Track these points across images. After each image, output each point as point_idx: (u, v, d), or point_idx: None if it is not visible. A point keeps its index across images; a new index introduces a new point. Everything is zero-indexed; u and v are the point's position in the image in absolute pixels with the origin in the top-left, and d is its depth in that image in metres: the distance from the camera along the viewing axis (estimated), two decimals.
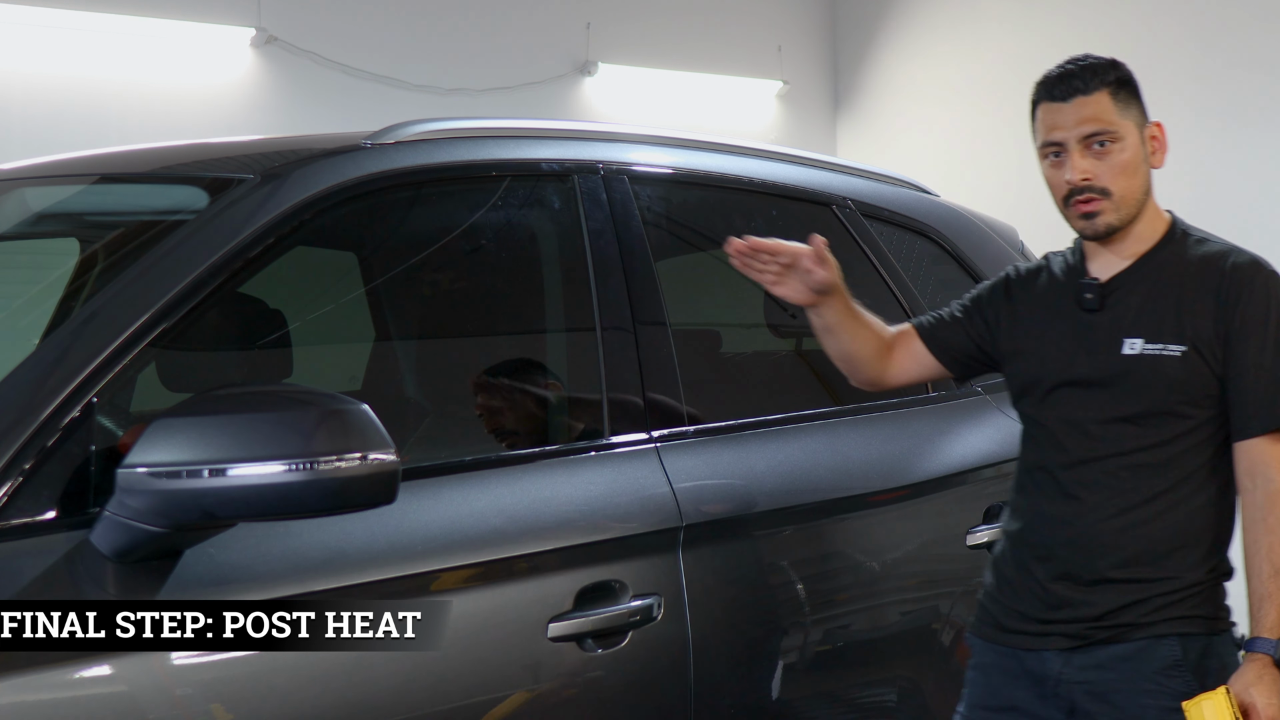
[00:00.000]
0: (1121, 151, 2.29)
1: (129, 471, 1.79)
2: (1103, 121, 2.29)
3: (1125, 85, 2.31)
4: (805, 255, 2.35)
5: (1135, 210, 2.32)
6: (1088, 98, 2.29)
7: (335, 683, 1.99)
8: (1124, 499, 2.27)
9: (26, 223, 2.74)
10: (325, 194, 2.25)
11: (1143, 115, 2.33)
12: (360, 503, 1.87)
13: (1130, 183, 2.30)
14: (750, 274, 2.39)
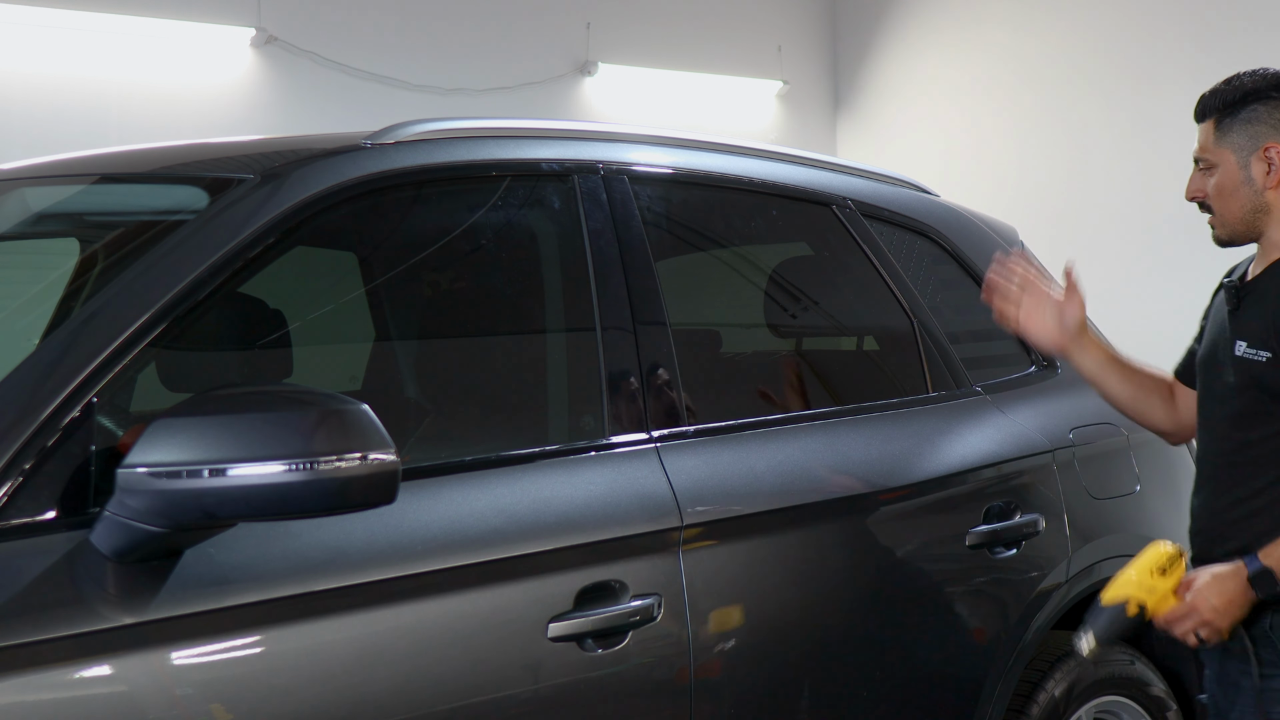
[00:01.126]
0: (1216, 175, 2.51)
1: (129, 471, 1.79)
2: (1203, 150, 2.54)
3: (1231, 114, 2.49)
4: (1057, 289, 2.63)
5: (1243, 227, 2.52)
6: (1201, 125, 2.56)
7: (335, 682, 1.99)
8: (1234, 492, 2.48)
9: (26, 223, 2.74)
10: (325, 194, 2.25)
11: (1251, 140, 2.48)
12: (360, 503, 1.87)
13: (1227, 203, 2.51)
14: (997, 304, 2.66)
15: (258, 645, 1.93)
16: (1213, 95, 2.54)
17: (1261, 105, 2.49)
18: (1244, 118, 2.49)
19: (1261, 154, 2.49)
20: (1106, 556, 3.10)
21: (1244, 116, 2.49)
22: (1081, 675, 3.03)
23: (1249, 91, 2.50)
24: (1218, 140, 2.51)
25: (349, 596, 2.02)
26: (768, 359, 3.09)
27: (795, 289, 3.08)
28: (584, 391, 2.49)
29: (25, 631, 1.76)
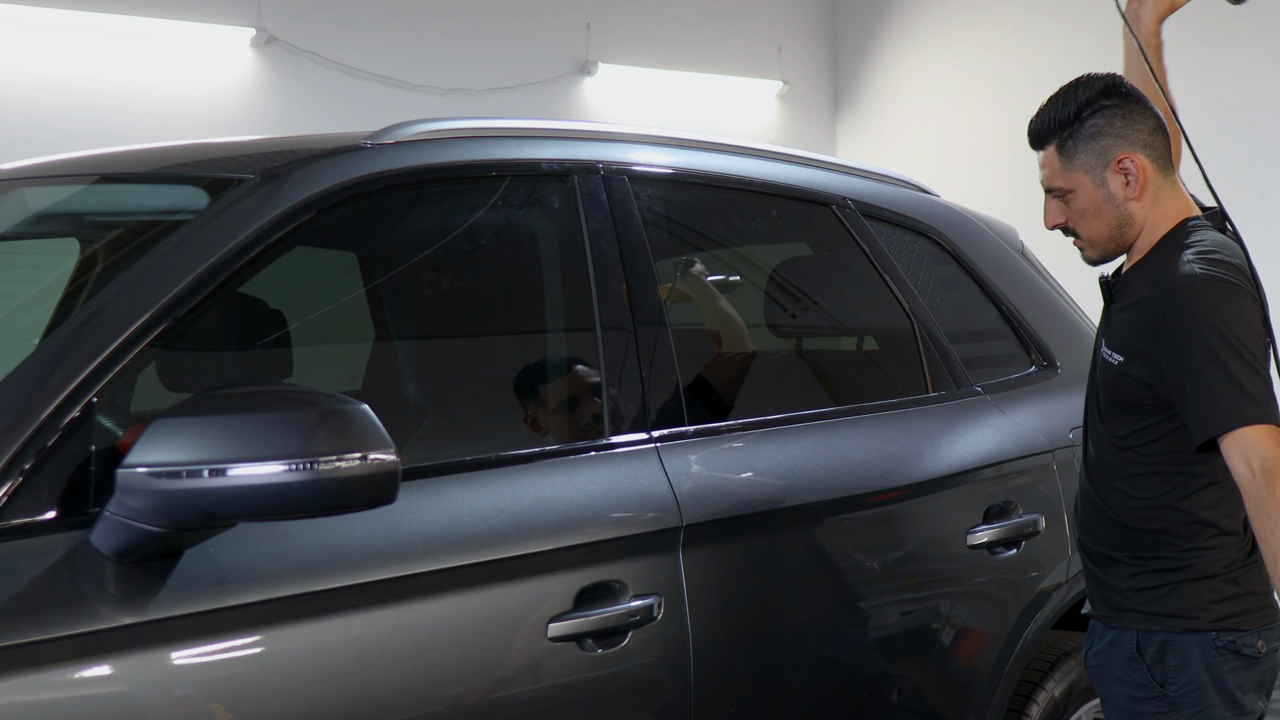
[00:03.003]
0: (1075, 200, 2.41)
1: (129, 471, 1.79)
2: (1051, 179, 2.43)
3: (1072, 135, 2.39)
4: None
5: (1112, 245, 2.44)
6: (1042, 153, 2.44)
7: (335, 682, 1.99)
8: (1104, 489, 2.45)
9: (26, 223, 2.74)
10: (325, 194, 2.25)
11: (1101, 157, 2.38)
12: (360, 503, 1.87)
13: (1092, 225, 2.42)
14: None
15: (258, 645, 1.93)
16: (1045, 119, 2.43)
17: (1100, 117, 2.39)
18: (1086, 135, 2.40)
19: (1115, 166, 2.39)
20: None
21: (1086, 134, 2.39)
22: (1081, 675, 3.03)
23: (1083, 105, 2.40)
24: (1066, 166, 2.41)
25: (349, 596, 2.02)
26: (768, 359, 3.09)
27: (795, 289, 3.08)
28: (584, 391, 2.48)
29: (25, 631, 1.76)
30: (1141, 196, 2.39)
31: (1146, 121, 2.41)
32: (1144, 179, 2.38)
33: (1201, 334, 2.25)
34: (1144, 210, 2.40)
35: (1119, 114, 2.39)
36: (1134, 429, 2.39)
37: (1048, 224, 2.47)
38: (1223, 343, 2.24)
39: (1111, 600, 2.45)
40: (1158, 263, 2.38)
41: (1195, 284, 2.28)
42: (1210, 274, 2.29)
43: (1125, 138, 2.39)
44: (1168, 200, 2.42)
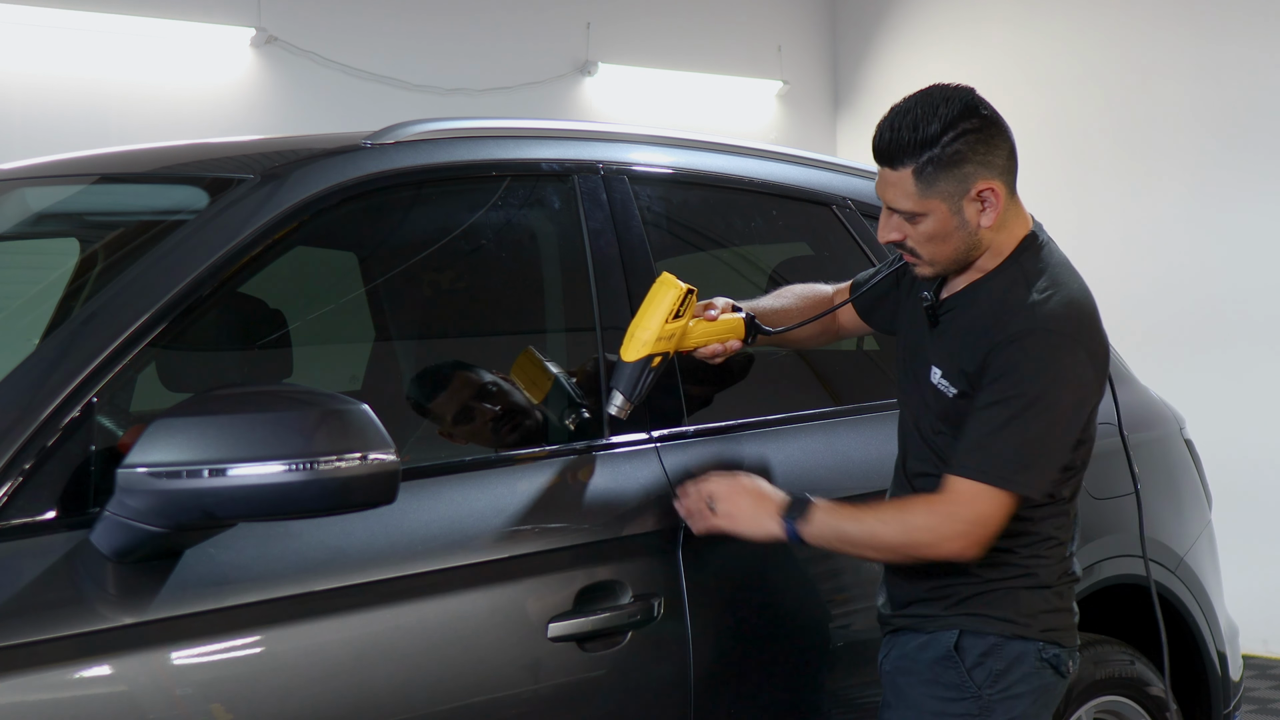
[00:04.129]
0: (924, 224, 2.26)
1: (129, 471, 1.79)
2: (896, 201, 2.26)
3: (933, 159, 2.20)
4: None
5: (955, 266, 2.31)
6: (893, 172, 2.25)
7: (335, 682, 1.99)
8: (914, 484, 2.39)
9: (26, 223, 2.74)
10: (325, 194, 2.25)
11: (961, 184, 2.22)
12: (360, 503, 1.87)
13: (939, 248, 2.28)
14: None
15: (258, 645, 1.93)
16: (903, 138, 2.22)
17: (962, 142, 2.20)
18: (948, 160, 2.20)
19: (974, 195, 2.23)
20: (1106, 556, 3.10)
21: (948, 159, 2.20)
22: (1081, 675, 3.03)
23: (946, 126, 2.20)
24: (923, 191, 2.22)
25: (349, 596, 2.02)
26: (768, 359, 3.09)
27: None
28: (584, 391, 2.48)
29: (25, 631, 1.76)
30: (994, 224, 2.27)
31: (1005, 145, 2.27)
32: (1000, 208, 2.25)
33: (1016, 387, 2.18)
34: (993, 235, 2.28)
35: (982, 139, 2.22)
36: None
37: (882, 239, 2.32)
38: (1030, 402, 2.18)
39: (935, 605, 2.34)
40: (997, 290, 2.28)
41: (1032, 336, 2.19)
42: (1047, 328, 2.20)
43: (987, 164, 2.23)
44: (1013, 221, 2.31)
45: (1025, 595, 2.32)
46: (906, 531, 2.24)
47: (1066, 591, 2.38)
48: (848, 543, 2.29)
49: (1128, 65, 6.74)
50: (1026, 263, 2.29)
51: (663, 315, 2.32)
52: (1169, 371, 5.64)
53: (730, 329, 2.44)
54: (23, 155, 3.05)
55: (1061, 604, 2.36)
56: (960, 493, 2.21)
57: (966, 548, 2.22)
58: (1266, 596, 6.18)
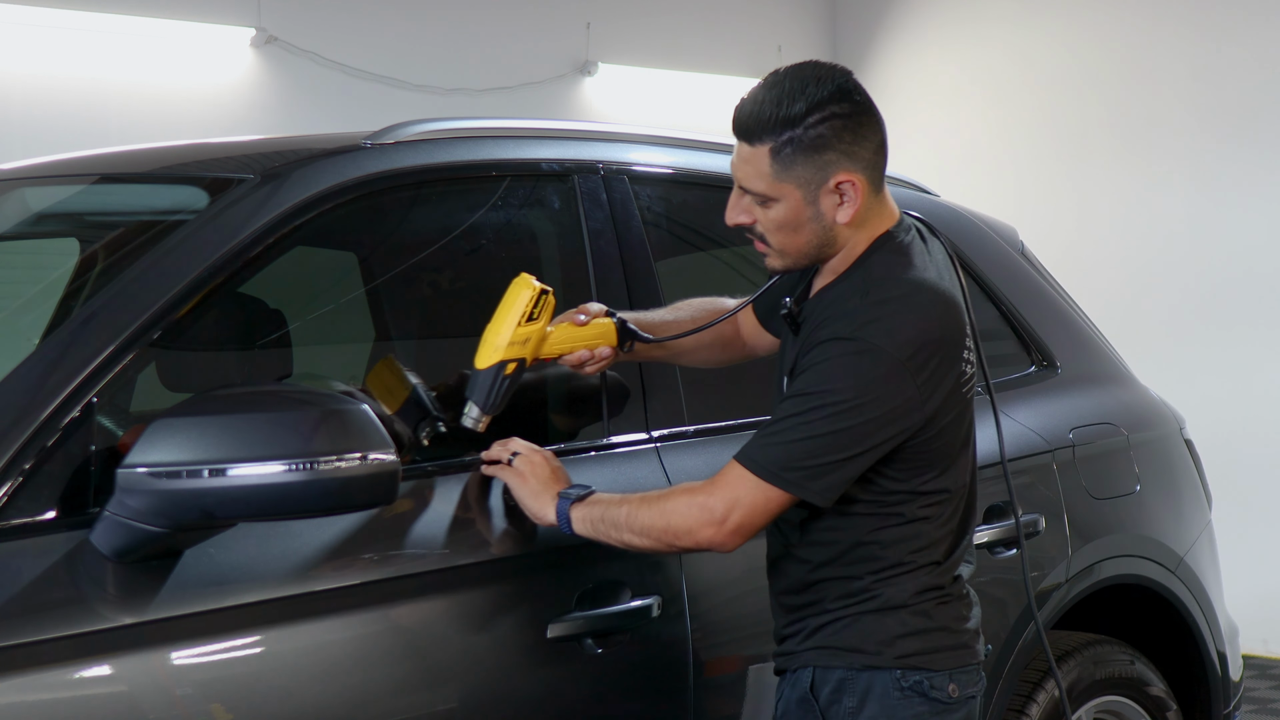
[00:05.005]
0: (775, 209, 2.09)
1: (129, 471, 1.79)
2: (749, 180, 2.08)
3: (792, 140, 2.03)
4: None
5: (806, 260, 2.14)
6: (749, 148, 2.07)
7: (335, 683, 1.99)
8: (785, 525, 2.19)
9: (26, 223, 2.74)
10: (325, 194, 2.25)
11: (819, 172, 2.05)
12: (360, 503, 1.87)
13: (790, 238, 2.11)
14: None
15: (258, 645, 1.94)
16: (764, 112, 2.04)
17: (826, 126, 2.03)
18: (809, 144, 2.03)
19: (833, 186, 2.06)
20: (1106, 556, 3.10)
21: (809, 143, 2.03)
22: (1081, 675, 3.04)
23: (812, 107, 2.02)
24: (778, 174, 2.04)
25: (349, 596, 2.02)
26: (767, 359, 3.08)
27: None
28: (584, 391, 2.48)
29: (25, 631, 1.76)
30: (851, 220, 2.09)
31: (874, 137, 2.08)
32: (860, 203, 2.07)
33: (813, 389, 2.02)
34: (849, 233, 2.11)
35: (849, 126, 2.05)
36: None
37: (730, 221, 2.14)
38: (821, 408, 2.00)
39: (793, 641, 2.18)
40: (839, 295, 2.10)
41: (843, 343, 2.02)
42: (861, 338, 2.01)
43: (851, 155, 2.05)
44: (874, 219, 2.12)
45: (872, 620, 2.10)
46: (664, 514, 2.06)
47: (935, 610, 2.13)
48: (611, 525, 2.09)
49: (1127, 65, 6.74)
50: (874, 266, 2.10)
51: (515, 318, 2.20)
52: (1168, 372, 5.64)
53: (600, 334, 2.29)
54: (23, 155, 3.05)
55: (925, 624, 2.12)
56: (726, 478, 2.05)
57: (718, 535, 2.05)
58: (1266, 596, 6.18)
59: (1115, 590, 3.21)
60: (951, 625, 2.15)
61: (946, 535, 2.16)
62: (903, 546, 2.12)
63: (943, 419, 2.08)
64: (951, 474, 2.14)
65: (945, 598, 2.15)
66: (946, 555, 2.16)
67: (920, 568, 2.13)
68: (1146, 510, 3.26)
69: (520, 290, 2.23)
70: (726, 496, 2.04)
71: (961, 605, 2.18)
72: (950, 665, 2.13)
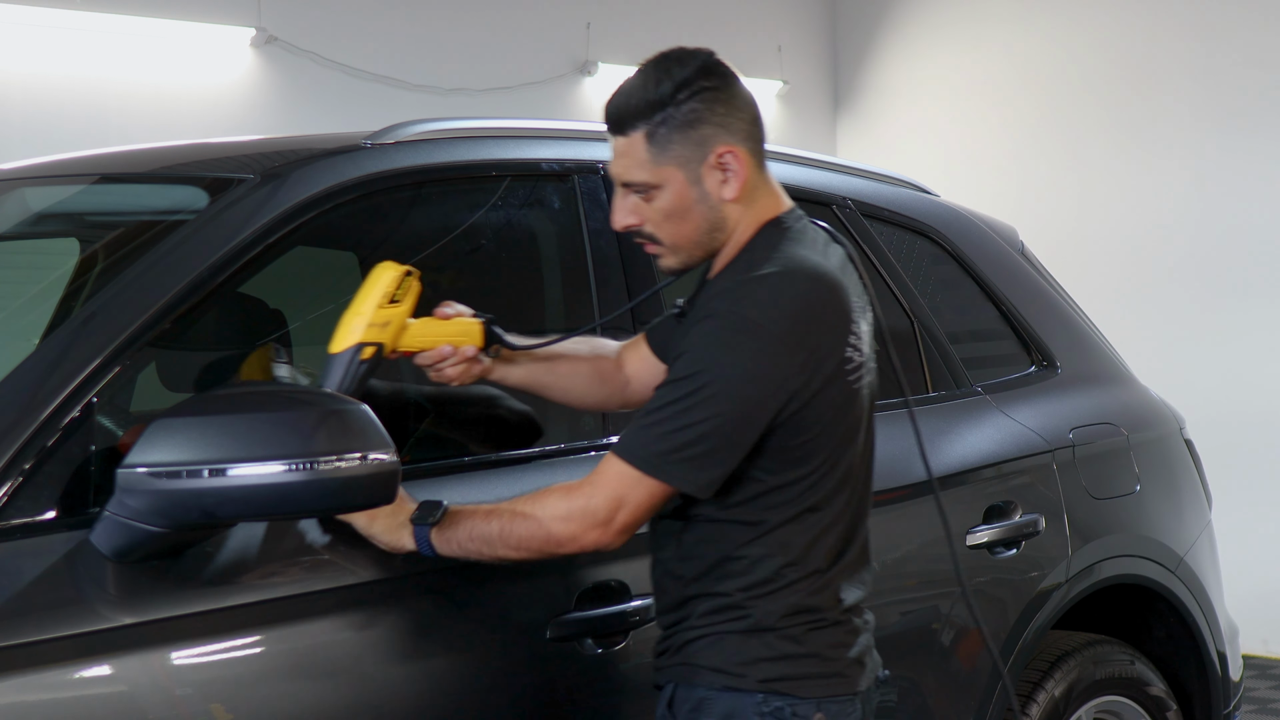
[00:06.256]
0: (660, 198, 2.01)
1: (129, 471, 1.79)
2: (630, 170, 2.01)
3: (665, 120, 1.98)
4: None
5: (700, 251, 2.06)
6: (623, 138, 2.01)
7: (335, 682, 1.99)
8: (662, 539, 2.10)
9: (26, 223, 2.74)
10: (325, 194, 2.25)
11: (699, 149, 1.99)
12: (360, 503, 1.87)
13: (680, 228, 2.03)
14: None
15: (258, 645, 1.93)
16: (632, 99, 1.99)
17: (697, 100, 1.98)
18: (683, 121, 1.98)
19: (714, 161, 2.00)
20: (1106, 556, 3.10)
21: (682, 119, 1.98)
22: (1081, 675, 3.04)
23: (680, 85, 1.98)
24: (656, 158, 1.98)
25: (349, 596, 2.02)
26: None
27: None
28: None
29: (25, 631, 1.76)
30: (739, 197, 2.02)
31: (748, 109, 2.03)
32: (744, 176, 2.01)
33: (687, 369, 1.92)
34: (738, 213, 2.04)
35: (720, 98, 2.00)
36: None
37: (617, 225, 2.06)
38: (697, 388, 1.91)
39: (664, 657, 2.08)
40: (723, 279, 2.03)
41: (718, 319, 1.94)
42: (738, 313, 1.93)
43: (727, 127, 2.00)
44: (761, 201, 2.06)
45: (737, 640, 1.99)
46: (543, 525, 1.95)
47: (807, 635, 2.01)
48: (484, 542, 1.97)
49: (1127, 66, 6.74)
50: (759, 248, 2.02)
51: (377, 298, 2.04)
52: (1168, 371, 5.64)
53: (464, 332, 2.16)
54: (23, 155, 3.05)
55: (794, 649, 2.00)
56: (603, 473, 1.95)
57: (604, 537, 1.95)
58: (1266, 596, 6.18)
59: (1115, 590, 3.21)
60: (825, 652, 2.02)
61: (824, 551, 2.02)
62: (773, 561, 2.00)
63: (822, 407, 1.97)
64: (831, 478, 2.02)
65: (819, 622, 2.02)
66: (825, 573, 2.03)
67: (792, 585, 2.00)
68: (1146, 510, 3.26)
69: (382, 271, 2.07)
70: (608, 496, 1.94)
71: (841, 631, 2.05)
72: (819, 694, 2.00)
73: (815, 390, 1.96)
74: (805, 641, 2.01)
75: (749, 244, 2.04)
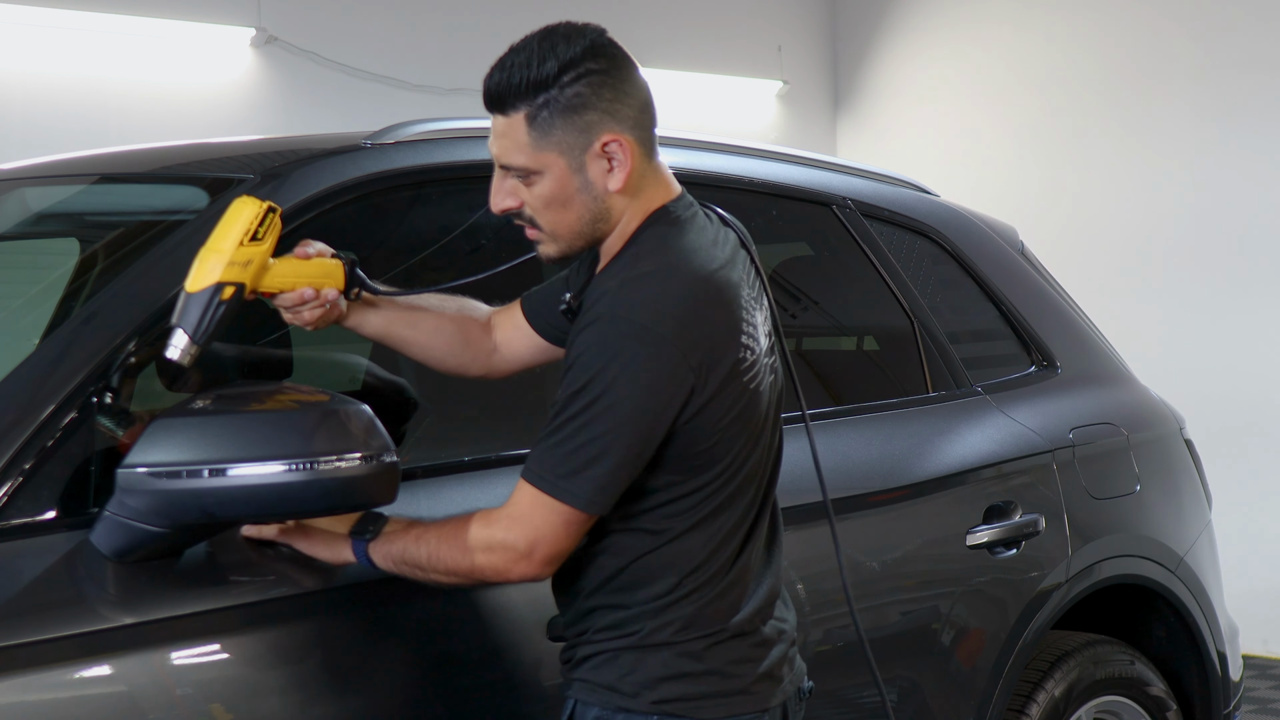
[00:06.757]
0: (540, 184, 1.89)
1: (129, 471, 1.79)
2: (509, 154, 1.89)
3: (548, 104, 1.86)
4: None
5: (581, 241, 1.93)
6: (503, 118, 1.89)
7: (336, 682, 1.99)
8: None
9: (26, 223, 2.74)
10: (325, 194, 2.25)
11: (583, 135, 1.87)
12: (360, 503, 1.87)
13: (560, 216, 1.90)
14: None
15: (258, 645, 1.93)
16: (513, 77, 1.87)
17: (583, 84, 1.86)
18: (567, 105, 1.85)
19: (599, 149, 1.87)
20: (1106, 556, 3.10)
21: (566, 104, 1.85)
22: (1081, 675, 3.04)
23: (565, 65, 1.86)
24: (537, 142, 1.86)
25: (348, 596, 2.02)
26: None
27: (795, 289, 3.08)
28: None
29: (25, 631, 1.76)
30: (624, 188, 1.89)
31: (637, 95, 1.90)
32: (630, 166, 1.88)
33: (577, 382, 1.81)
34: (624, 204, 1.91)
35: (608, 83, 1.87)
36: None
37: (495, 207, 1.92)
38: (591, 401, 1.80)
39: (565, 669, 1.99)
40: (608, 275, 1.90)
41: (602, 323, 1.82)
42: (621, 315, 1.81)
43: (613, 114, 1.87)
44: (649, 190, 1.93)
45: (632, 658, 1.89)
46: (467, 554, 1.86)
47: (707, 651, 1.90)
48: (415, 566, 1.89)
49: (1128, 66, 6.74)
50: (644, 241, 1.90)
51: (238, 234, 1.90)
52: (1167, 372, 5.64)
53: (326, 273, 2.02)
54: (23, 155, 3.05)
55: (692, 666, 1.89)
56: (517, 502, 1.84)
57: (530, 569, 1.85)
58: (1266, 596, 6.18)
59: (1115, 590, 3.21)
60: (727, 669, 1.91)
61: (725, 557, 1.92)
62: (674, 571, 1.89)
63: (719, 412, 1.87)
64: (733, 483, 1.91)
65: (719, 634, 1.91)
66: (724, 579, 1.92)
67: (691, 595, 1.89)
68: (1146, 510, 3.26)
69: (243, 206, 1.93)
70: (525, 530, 1.83)
71: (746, 645, 1.93)
72: (719, 714, 1.89)
73: (711, 393, 1.85)
74: (705, 658, 1.90)
75: (635, 236, 1.91)
